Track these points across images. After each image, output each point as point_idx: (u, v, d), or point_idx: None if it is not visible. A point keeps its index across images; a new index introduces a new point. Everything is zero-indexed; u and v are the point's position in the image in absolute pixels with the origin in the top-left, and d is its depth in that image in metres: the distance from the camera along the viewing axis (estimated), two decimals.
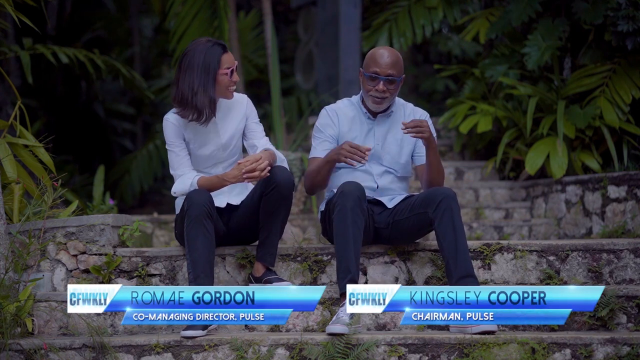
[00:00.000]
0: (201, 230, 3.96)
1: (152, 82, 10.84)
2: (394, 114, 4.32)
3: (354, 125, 4.29)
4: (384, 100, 4.21)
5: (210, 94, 4.06)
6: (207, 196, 4.01)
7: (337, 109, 4.32)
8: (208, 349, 3.86)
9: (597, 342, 3.81)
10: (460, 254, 3.96)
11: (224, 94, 4.15)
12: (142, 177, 9.66)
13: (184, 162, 4.20)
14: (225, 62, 4.09)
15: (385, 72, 4.15)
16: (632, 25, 5.63)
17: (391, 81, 4.17)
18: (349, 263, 3.94)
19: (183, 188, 4.14)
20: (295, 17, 10.48)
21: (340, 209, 3.97)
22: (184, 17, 7.49)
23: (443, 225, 3.99)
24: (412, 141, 4.30)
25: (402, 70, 4.21)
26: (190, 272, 3.95)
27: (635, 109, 5.96)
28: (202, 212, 3.96)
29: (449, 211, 3.99)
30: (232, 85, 4.13)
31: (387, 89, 4.17)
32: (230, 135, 4.24)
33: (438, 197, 4.02)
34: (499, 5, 7.21)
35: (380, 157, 4.28)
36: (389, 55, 4.18)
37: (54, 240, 4.36)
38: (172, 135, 4.18)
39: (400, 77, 4.20)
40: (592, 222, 5.54)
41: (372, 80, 4.18)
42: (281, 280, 4.14)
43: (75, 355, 3.92)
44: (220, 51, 4.08)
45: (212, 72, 4.06)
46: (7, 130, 4.67)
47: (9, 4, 4.60)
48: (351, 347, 3.78)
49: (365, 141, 4.27)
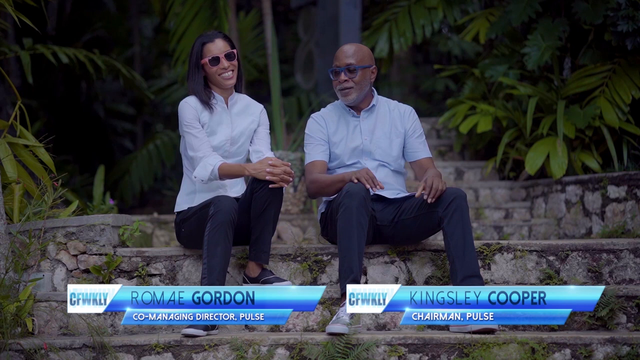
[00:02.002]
0: (223, 237, 3.98)
1: (152, 82, 10.84)
2: (377, 108, 4.39)
3: (340, 126, 4.37)
4: (350, 90, 4.28)
5: (199, 81, 4.26)
6: (234, 204, 4.04)
7: (323, 114, 4.42)
8: (208, 349, 3.86)
9: (597, 342, 3.82)
10: (467, 253, 3.98)
11: (217, 81, 4.27)
12: (142, 177, 9.65)
13: (203, 143, 4.22)
14: (208, 52, 4.25)
15: (343, 63, 4.27)
16: (632, 25, 5.63)
17: (351, 70, 4.26)
18: (352, 263, 3.95)
19: (204, 174, 4.16)
20: (295, 17, 10.48)
21: (345, 209, 3.98)
22: (184, 17, 7.50)
23: (452, 223, 4.01)
24: (401, 134, 4.37)
25: (365, 59, 4.29)
26: (205, 277, 3.96)
27: (635, 109, 5.96)
28: (228, 219, 3.99)
29: (459, 210, 4.01)
30: (222, 72, 4.25)
31: (348, 78, 4.27)
32: (240, 130, 4.31)
33: (450, 196, 4.03)
34: (499, 5, 7.21)
35: (371, 152, 4.33)
36: (348, 48, 4.32)
37: (54, 240, 4.37)
38: (190, 116, 4.24)
39: (363, 66, 4.27)
40: (592, 222, 5.54)
41: (335, 75, 4.30)
42: (281, 280, 4.15)
43: (75, 355, 3.92)
44: (202, 41, 4.28)
45: (195, 62, 4.27)
46: (7, 130, 4.67)
47: (9, 4, 4.61)
48: (351, 347, 3.78)
49: (353, 137, 4.33)
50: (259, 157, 4.27)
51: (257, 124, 4.37)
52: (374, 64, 4.33)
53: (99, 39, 10.81)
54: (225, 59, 4.25)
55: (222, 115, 4.29)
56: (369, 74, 4.31)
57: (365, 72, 4.29)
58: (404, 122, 4.38)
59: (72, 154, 10.18)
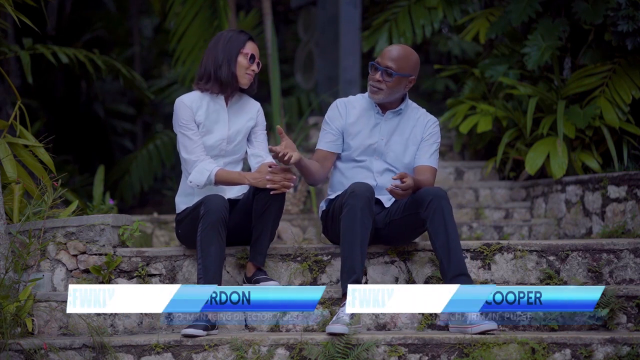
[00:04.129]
0: (216, 237, 3.98)
1: (152, 82, 10.83)
2: (404, 113, 4.34)
3: (361, 118, 4.33)
4: (380, 91, 4.24)
5: (232, 68, 4.23)
6: (224, 203, 4.03)
7: (348, 102, 4.38)
8: (208, 349, 3.86)
9: (597, 342, 3.81)
10: (452, 253, 3.96)
11: (240, 77, 4.24)
12: (142, 177, 9.65)
13: (197, 146, 4.20)
14: (249, 47, 4.27)
15: (384, 63, 4.22)
16: (632, 25, 5.63)
17: (388, 74, 4.20)
18: (355, 263, 3.94)
19: (200, 179, 4.15)
20: (295, 17, 10.47)
21: (349, 209, 3.97)
22: (184, 17, 7.50)
23: (435, 225, 3.99)
24: (417, 143, 4.32)
25: (406, 67, 4.22)
26: (201, 278, 3.96)
27: (635, 109, 5.96)
28: (219, 218, 3.98)
29: (439, 211, 3.98)
30: (249, 71, 4.25)
31: (382, 79, 4.22)
32: (237, 129, 4.29)
33: (427, 197, 4.01)
34: (499, 5, 7.21)
35: (383, 154, 4.30)
36: (395, 50, 4.24)
37: (54, 240, 4.36)
38: (186, 117, 4.21)
39: (401, 74, 4.21)
40: (592, 222, 5.54)
41: (373, 70, 4.25)
42: (268, 280, 4.16)
43: (75, 355, 3.92)
44: (247, 37, 4.30)
45: (235, 50, 4.23)
46: (7, 130, 4.67)
47: (9, 4, 4.60)
48: (351, 347, 3.78)
49: (371, 134, 4.30)
50: (259, 162, 4.26)
51: (254, 122, 4.35)
52: (415, 75, 4.25)
53: (99, 39, 10.81)
54: (257, 64, 4.29)
55: (219, 114, 4.27)
56: (406, 82, 4.25)
57: (402, 80, 4.23)
58: (425, 130, 4.33)
59: (72, 154, 10.18)
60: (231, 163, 4.29)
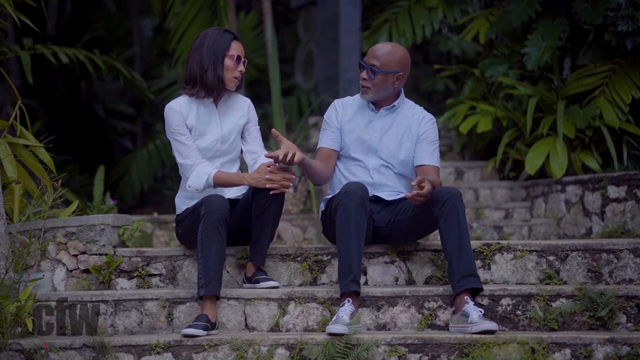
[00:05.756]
0: (216, 237, 3.98)
1: (152, 82, 10.83)
2: (399, 111, 4.35)
3: (356, 116, 4.36)
4: (367, 89, 4.27)
5: (219, 72, 4.16)
6: (225, 203, 4.03)
7: (345, 101, 4.42)
8: (208, 349, 3.86)
9: (597, 342, 3.82)
10: (464, 252, 3.97)
11: (228, 81, 4.20)
12: (142, 177, 9.65)
13: (192, 150, 4.19)
14: (234, 48, 4.20)
15: (368, 61, 4.25)
16: (632, 25, 5.63)
17: (372, 71, 4.23)
18: (351, 263, 3.94)
19: (199, 182, 4.14)
20: (295, 17, 10.47)
21: (344, 209, 3.98)
22: (184, 17, 7.50)
23: (448, 223, 4.00)
24: (413, 139, 4.33)
25: (391, 64, 4.23)
26: (202, 277, 3.95)
27: (635, 109, 5.96)
28: (220, 218, 3.98)
29: (454, 210, 4.00)
30: (236, 73, 4.20)
31: (367, 77, 4.25)
32: (229, 128, 4.27)
33: (444, 196, 4.03)
34: (499, 5, 7.20)
35: (377, 150, 4.32)
36: (379, 47, 4.27)
37: (54, 240, 4.36)
38: (177, 122, 4.19)
39: (385, 70, 4.22)
40: (592, 222, 5.54)
41: (360, 68, 4.29)
42: (268, 280, 4.16)
43: (75, 355, 3.92)
44: (231, 37, 4.22)
45: (221, 53, 4.16)
46: (7, 130, 4.67)
47: (9, 4, 4.61)
48: (351, 347, 3.77)
49: (365, 131, 4.32)
50: (255, 159, 4.26)
51: (246, 119, 4.32)
52: (401, 71, 4.25)
53: (99, 39, 10.82)
54: (243, 63, 4.24)
55: (210, 115, 4.24)
56: (393, 79, 4.25)
57: (387, 77, 4.24)
58: (420, 127, 4.34)
59: (72, 154, 10.18)
60: (228, 162, 4.29)
